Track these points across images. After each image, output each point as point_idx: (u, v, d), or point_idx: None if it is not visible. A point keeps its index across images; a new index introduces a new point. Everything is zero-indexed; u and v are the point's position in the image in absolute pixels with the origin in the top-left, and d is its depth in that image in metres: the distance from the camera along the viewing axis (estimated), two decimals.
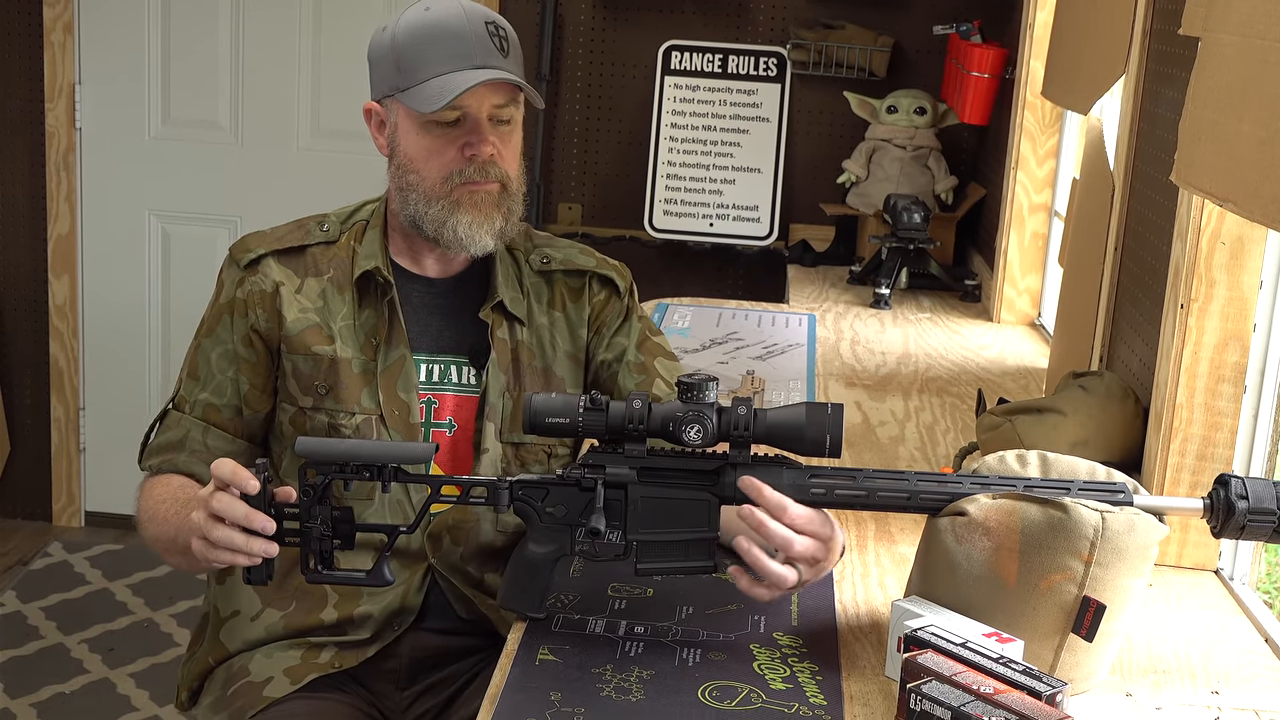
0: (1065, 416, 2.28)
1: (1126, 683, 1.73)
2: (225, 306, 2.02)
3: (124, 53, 4.61)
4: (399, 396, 1.99)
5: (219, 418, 2.01)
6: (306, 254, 2.04)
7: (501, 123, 1.98)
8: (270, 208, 3.74)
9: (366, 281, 2.02)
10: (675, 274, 4.59)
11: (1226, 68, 1.77)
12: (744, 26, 4.49)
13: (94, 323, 4.75)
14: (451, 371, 2.04)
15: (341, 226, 2.07)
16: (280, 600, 2.00)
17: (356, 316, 2.01)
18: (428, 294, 2.06)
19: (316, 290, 2.02)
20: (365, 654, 1.99)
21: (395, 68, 1.96)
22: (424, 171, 1.98)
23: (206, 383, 2.01)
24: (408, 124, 1.98)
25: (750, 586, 1.70)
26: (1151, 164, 2.38)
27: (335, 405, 1.98)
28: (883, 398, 2.92)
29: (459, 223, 1.97)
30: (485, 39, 1.94)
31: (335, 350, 1.99)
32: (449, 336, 2.05)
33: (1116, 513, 1.61)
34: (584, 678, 1.63)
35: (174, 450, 2.00)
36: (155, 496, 1.97)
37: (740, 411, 1.68)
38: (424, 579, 2.01)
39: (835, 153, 4.45)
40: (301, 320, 2.00)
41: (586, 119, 4.58)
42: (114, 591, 4.30)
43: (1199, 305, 2.04)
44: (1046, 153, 3.59)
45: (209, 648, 2.05)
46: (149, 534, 1.97)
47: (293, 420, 2.01)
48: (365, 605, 1.98)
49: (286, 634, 1.99)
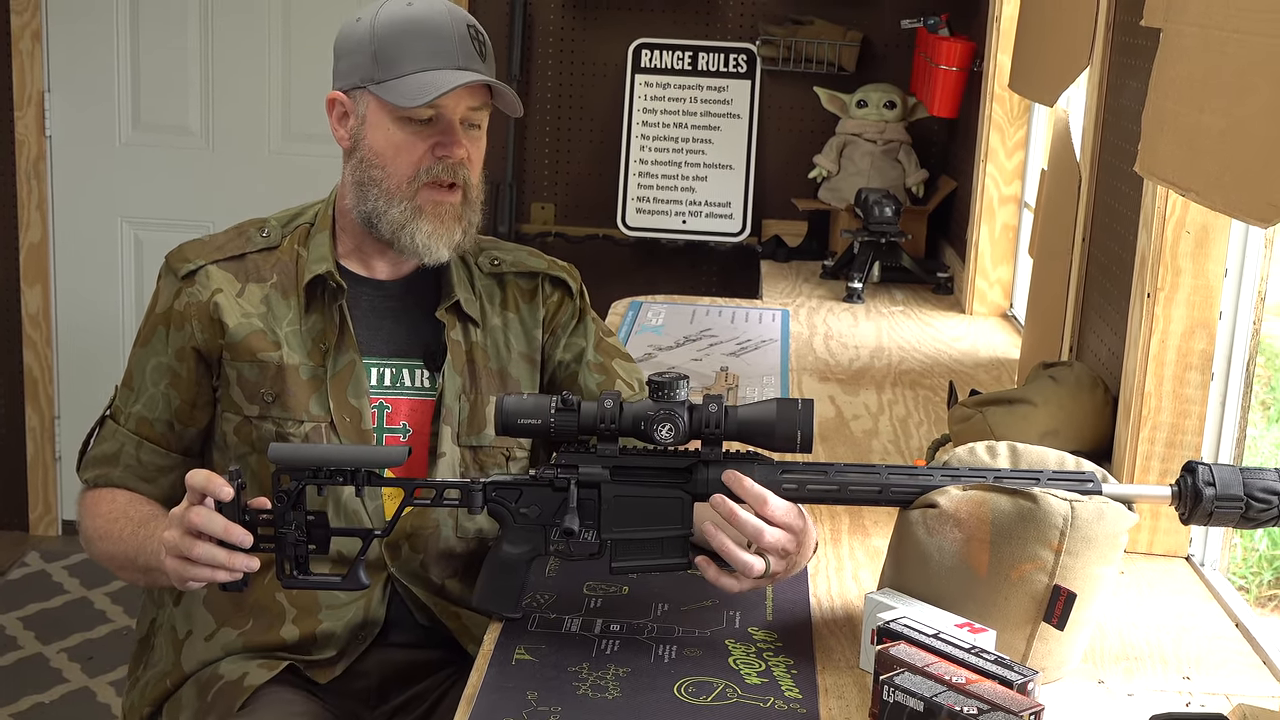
0: (1035, 407, 2.29)
1: (1099, 670, 1.75)
2: (161, 318, 1.98)
3: (93, 59, 4.60)
4: (349, 402, 1.96)
5: (151, 432, 1.97)
6: (247, 260, 1.99)
7: (473, 126, 1.96)
8: (242, 212, 3.70)
9: (315, 286, 1.97)
10: (649, 272, 4.60)
11: (1187, 59, 1.78)
12: (713, 24, 4.50)
13: (68, 331, 4.74)
14: (405, 375, 2.01)
15: (283, 230, 2.02)
16: (237, 618, 1.95)
17: (303, 322, 1.96)
18: (377, 297, 2.02)
19: (259, 296, 1.97)
20: (333, 672, 1.95)
21: (372, 59, 1.92)
22: (390, 168, 1.94)
23: (140, 394, 1.98)
24: (379, 117, 1.94)
25: (718, 576, 1.71)
26: (1117, 155, 2.40)
27: (282, 413, 1.94)
28: (856, 391, 2.93)
29: (418, 230, 1.94)
30: (467, 41, 1.92)
31: (282, 356, 1.95)
32: (401, 340, 2.02)
33: (1085, 502, 1.62)
34: (560, 677, 1.63)
35: (109, 464, 1.98)
36: (103, 514, 1.95)
37: (711, 409, 1.69)
38: (385, 589, 1.97)
39: (806, 148, 4.46)
40: (245, 325, 1.95)
41: (558, 118, 4.59)
42: (92, 600, 4.30)
43: (1165, 294, 2.05)
44: (1015, 144, 3.61)
45: (170, 669, 1.99)
46: (100, 551, 1.95)
47: (237, 430, 1.96)
48: (327, 623, 1.94)
49: (245, 651, 1.95)
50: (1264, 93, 1.47)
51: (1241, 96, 1.54)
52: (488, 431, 2.02)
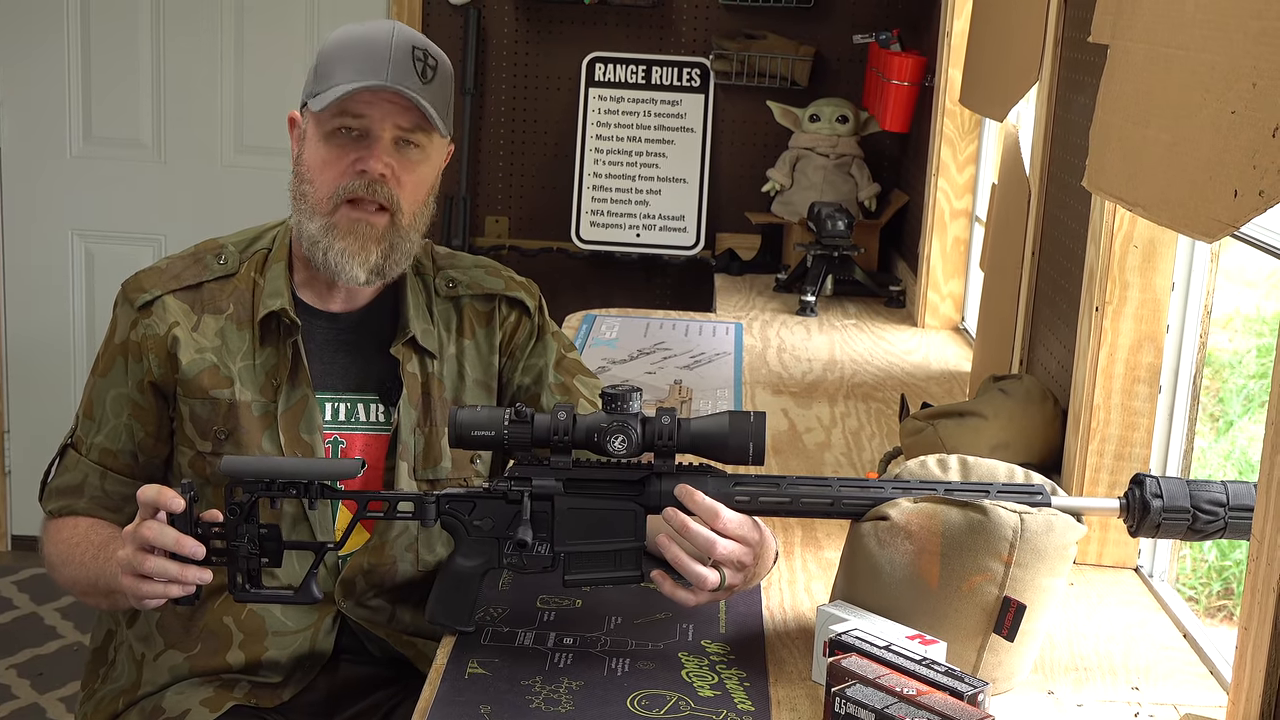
0: (986, 420, 2.31)
1: (1048, 681, 1.76)
2: (119, 348, 1.95)
3: (43, 70, 4.57)
4: (302, 438, 1.93)
5: (116, 463, 1.95)
6: (204, 289, 1.96)
7: (409, 145, 1.91)
8: (194, 225, 3.72)
9: (270, 321, 1.94)
10: (603, 285, 4.60)
11: (1133, 75, 1.80)
12: (666, 38, 4.51)
13: (17, 344, 4.69)
14: (360, 410, 1.98)
15: (241, 256, 1.99)
16: (185, 641, 1.94)
17: (256, 356, 1.94)
18: (332, 330, 1.99)
19: (214, 329, 1.94)
20: (281, 696, 1.94)
21: (313, 74, 1.92)
22: (317, 183, 1.91)
23: (102, 425, 1.95)
24: (311, 131, 1.92)
25: (674, 590, 1.71)
26: (1065, 169, 2.42)
27: (235, 450, 1.91)
28: (809, 404, 2.95)
29: (331, 247, 1.90)
30: (405, 60, 1.88)
31: (234, 394, 1.92)
32: (356, 374, 1.99)
33: (1035, 514, 1.63)
34: (513, 690, 1.63)
35: (73, 495, 1.96)
36: (65, 540, 1.93)
37: (664, 421, 1.69)
38: (334, 622, 1.95)
39: (760, 162, 4.49)
40: (198, 362, 1.92)
41: (512, 132, 4.59)
42: (42, 615, 4.26)
43: (1113, 308, 2.08)
44: (966, 159, 3.64)
45: (128, 687, 1.97)
46: (63, 577, 1.93)
47: (192, 464, 1.93)
48: (272, 651, 1.92)
49: (192, 675, 1.94)
50: (1208, 109, 1.49)
51: (1186, 113, 1.56)
52: (444, 464, 2.00)
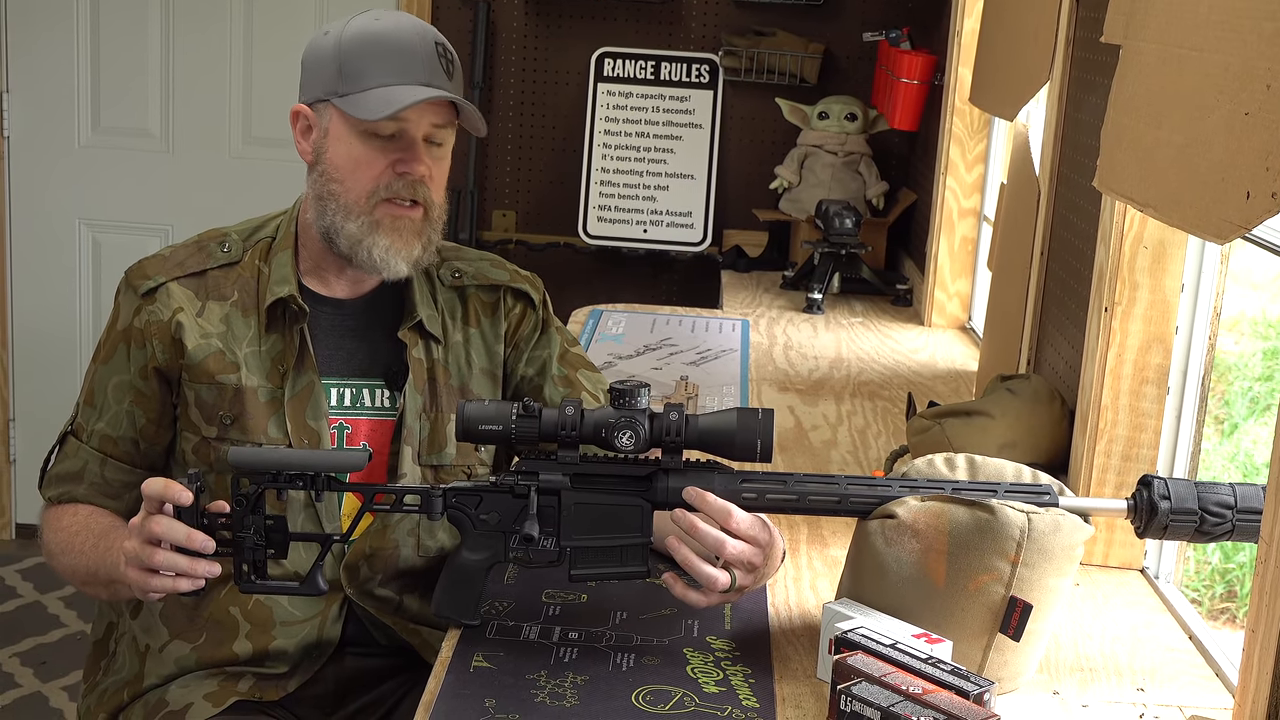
0: (993, 419, 2.31)
1: (1054, 681, 1.76)
2: (122, 335, 1.95)
3: (52, 61, 4.57)
4: (308, 424, 1.93)
5: (116, 450, 1.95)
6: (208, 277, 1.96)
7: (435, 144, 1.93)
8: (202, 216, 3.70)
9: (277, 308, 1.95)
10: (609, 280, 4.60)
11: (1146, 75, 1.80)
12: (676, 33, 4.51)
13: (24, 333, 4.70)
14: (365, 395, 1.99)
15: (244, 244, 1.99)
16: (190, 632, 1.94)
17: (263, 342, 1.94)
18: (337, 316, 1.99)
19: (219, 315, 1.94)
20: (286, 688, 1.94)
21: (337, 72, 1.90)
22: (349, 182, 1.91)
23: (103, 412, 1.95)
24: (341, 131, 1.91)
25: (685, 592, 1.71)
26: (1076, 169, 2.42)
27: (241, 435, 1.91)
28: (815, 402, 2.94)
29: (375, 245, 1.91)
30: (434, 58, 1.90)
31: (240, 379, 1.92)
32: (362, 359, 2.00)
33: (1042, 514, 1.63)
34: (518, 684, 1.63)
35: (73, 482, 1.96)
36: (65, 528, 1.93)
37: (672, 417, 1.69)
38: (340, 609, 1.96)
39: (768, 159, 4.48)
40: (204, 347, 1.92)
41: (520, 126, 4.59)
42: (46, 604, 4.26)
43: (1122, 309, 2.07)
44: (975, 158, 3.63)
45: (131, 679, 1.97)
46: (62, 565, 1.93)
47: (196, 450, 1.93)
48: (279, 640, 1.93)
49: (199, 666, 1.94)
50: (1221, 111, 1.48)
51: (1199, 114, 1.56)
52: (449, 450, 2.01)
